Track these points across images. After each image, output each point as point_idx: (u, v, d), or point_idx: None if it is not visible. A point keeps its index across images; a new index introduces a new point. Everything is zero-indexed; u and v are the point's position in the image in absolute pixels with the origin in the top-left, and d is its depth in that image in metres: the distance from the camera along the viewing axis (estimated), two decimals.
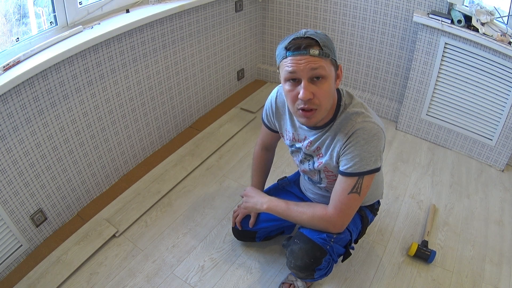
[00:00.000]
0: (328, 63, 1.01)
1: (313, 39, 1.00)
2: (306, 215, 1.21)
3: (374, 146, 1.07)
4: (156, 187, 1.91)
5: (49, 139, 1.54)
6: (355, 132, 1.07)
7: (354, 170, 1.08)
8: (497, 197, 1.90)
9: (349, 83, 2.55)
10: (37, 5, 1.54)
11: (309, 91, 1.02)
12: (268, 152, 1.51)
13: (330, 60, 1.02)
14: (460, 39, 1.88)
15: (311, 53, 0.99)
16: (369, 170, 1.08)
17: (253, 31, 2.63)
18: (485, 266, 1.55)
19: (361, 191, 1.11)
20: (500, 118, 1.94)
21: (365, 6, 2.20)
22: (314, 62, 0.99)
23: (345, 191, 1.11)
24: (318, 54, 0.99)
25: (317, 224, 1.20)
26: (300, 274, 1.29)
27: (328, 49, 1.01)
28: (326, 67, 1.01)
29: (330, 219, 1.15)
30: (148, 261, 1.57)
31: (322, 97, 1.03)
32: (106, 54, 1.66)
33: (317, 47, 1.00)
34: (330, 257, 1.24)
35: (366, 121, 1.07)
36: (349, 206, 1.13)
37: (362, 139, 1.06)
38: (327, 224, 1.18)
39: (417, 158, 2.16)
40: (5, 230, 1.45)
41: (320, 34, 1.02)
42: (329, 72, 1.02)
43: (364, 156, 1.07)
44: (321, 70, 1.00)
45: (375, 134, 1.07)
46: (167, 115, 2.16)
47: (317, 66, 1.00)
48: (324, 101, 1.05)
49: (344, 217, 1.15)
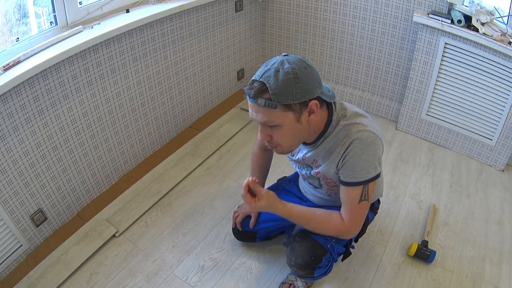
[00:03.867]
0: (277, 112, 0.98)
1: (264, 85, 0.96)
2: (325, 228, 1.19)
3: (372, 155, 1.07)
4: (156, 187, 1.91)
5: (49, 139, 1.54)
6: (352, 142, 1.06)
7: (358, 180, 1.09)
8: (497, 197, 1.90)
9: (349, 83, 2.55)
10: (37, 5, 1.54)
11: (264, 134, 1.06)
12: (266, 152, 1.51)
13: (283, 107, 0.97)
14: (460, 39, 1.88)
15: (258, 103, 0.98)
16: (371, 177, 1.09)
17: (253, 31, 2.63)
18: (485, 266, 1.55)
19: (369, 197, 1.12)
20: (500, 118, 1.94)
21: (365, 6, 2.20)
22: (262, 115, 1.00)
23: (355, 201, 1.11)
24: (264, 104, 0.97)
25: (333, 234, 1.21)
26: (300, 272, 1.29)
27: (281, 96, 0.95)
28: (274, 117, 0.99)
29: (347, 229, 1.16)
30: (148, 261, 1.57)
31: (279, 140, 1.06)
32: (106, 54, 1.66)
33: (266, 96, 0.97)
34: (331, 255, 1.24)
35: (361, 130, 1.07)
36: (361, 214, 1.15)
37: (359, 149, 1.06)
38: (344, 234, 1.18)
39: (417, 158, 2.16)
40: (5, 230, 1.45)
41: (282, 73, 0.95)
42: (281, 120, 1.00)
43: (364, 165, 1.07)
44: (269, 122, 1.01)
45: (371, 142, 1.07)
46: (167, 115, 2.16)
47: (264, 120, 1.00)
48: (283, 142, 1.06)
49: (359, 225, 1.17)
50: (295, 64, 0.97)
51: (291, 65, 0.97)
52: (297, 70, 0.97)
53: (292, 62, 0.98)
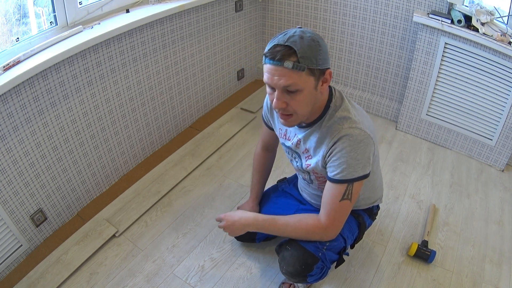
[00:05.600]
0: (303, 76, 0.98)
1: (291, 48, 0.96)
2: (301, 230, 1.17)
3: (362, 153, 1.06)
4: (156, 187, 1.91)
5: (49, 139, 1.54)
6: (341, 138, 1.05)
7: (343, 177, 1.07)
8: (497, 197, 1.90)
9: (349, 83, 2.55)
10: (37, 5, 1.54)
11: (281, 101, 1.02)
12: (268, 153, 1.51)
13: (308, 71, 0.98)
14: (460, 39, 1.88)
15: (285, 65, 0.96)
16: (357, 177, 1.07)
17: (253, 31, 2.63)
18: (485, 266, 1.55)
19: (352, 197, 1.10)
20: (500, 118, 1.94)
21: (365, 6, 2.20)
22: (287, 78, 0.97)
23: (337, 199, 1.10)
24: (291, 67, 0.96)
25: (312, 237, 1.18)
26: (292, 279, 1.28)
27: (307, 60, 0.97)
28: (300, 80, 0.98)
29: (324, 228, 1.14)
30: (148, 261, 1.57)
31: (296, 107, 1.04)
32: (106, 54, 1.66)
33: (293, 59, 0.96)
34: (323, 263, 1.21)
35: (352, 127, 1.06)
36: (341, 213, 1.13)
37: (348, 146, 1.05)
38: (321, 234, 1.16)
39: (417, 158, 2.16)
40: (5, 230, 1.45)
41: (306, 39, 0.97)
42: (305, 85, 0.99)
43: (351, 163, 1.06)
44: (293, 85, 0.98)
45: (361, 140, 1.05)
46: (167, 115, 2.16)
47: (289, 83, 0.97)
48: (299, 109, 1.05)
49: (337, 224, 1.14)
50: (315, 35, 1.00)
51: (312, 34, 1.00)
52: (318, 38, 1.00)
53: (312, 32, 1.01)
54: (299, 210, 1.41)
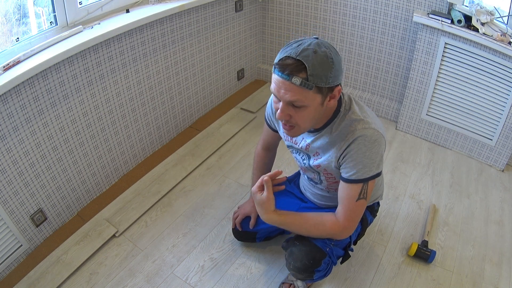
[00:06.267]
0: (310, 93, 0.96)
1: (302, 64, 0.93)
2: (318, 231, 1.18)
3: (376, 152, 1.07)
4: (156, 187, 1.91)
5: (49, 139, 1.54)
6: (356, 139, 1.06)
7: (359, 177, 1.08)
8: (497, 197, 1.90)
9: (349, 83, 2.55)
10: (37, 5, 1.53)
11: (285, 113, 1.01)
12: (269, 152, 1.51)
13: (316, 89, 0.96)
14: (460, 39, 1.88)
15: (293, 81, 0.94)
16: (372, 175, 1.09)
17: (253, 31, 2.63)
18: (485, 266, 1.55)
19: (367, 195, 1.12)
20: (500, 118, 1.94)
21: (365, 6, 2.20)
22: (293, 93, 0.95)
23: (353, 198, 1.11)
24: (299, 84, 0.93)
25: (329, 236, 1.19)
26: (299, 275, 1.29)
27: (317, 78, 0.94)
28: (307, 98, 0.97)
29: (342, 228, 1.15)
30: (148, 261, 1.57)
31: (299, 121, 1.03)
32: (106, 54, 1.66)
33: (302, 75, 0.93)
34: (330, 259, 1.23)
35: (366, 128, 1.06)
36: (357, 212, 1.14)
37: (364, 146, 1.06)
38: (339, 234, 1.17)
39: (417, 158, 2.16)
40: (5, 230, 1.45)
41: (319, 55, 0.93)
42: (311, 102, 0.98)
43: (367, 162, 1.07)
44: (299, 101, 0.97)
45: (375, 140, 1.06)
46: (167, 115, 2.16)
47: (295, 98, 0.96)
48: (302, 123, 1.04)
49: (354, 224, 1.16)
50: (330, 49, 0.97)
51: (327, 49, 0.96)
52: (332, 55, 0.97)
53: (327, 46, 0.97)
54: (301, 209, 1.42)
